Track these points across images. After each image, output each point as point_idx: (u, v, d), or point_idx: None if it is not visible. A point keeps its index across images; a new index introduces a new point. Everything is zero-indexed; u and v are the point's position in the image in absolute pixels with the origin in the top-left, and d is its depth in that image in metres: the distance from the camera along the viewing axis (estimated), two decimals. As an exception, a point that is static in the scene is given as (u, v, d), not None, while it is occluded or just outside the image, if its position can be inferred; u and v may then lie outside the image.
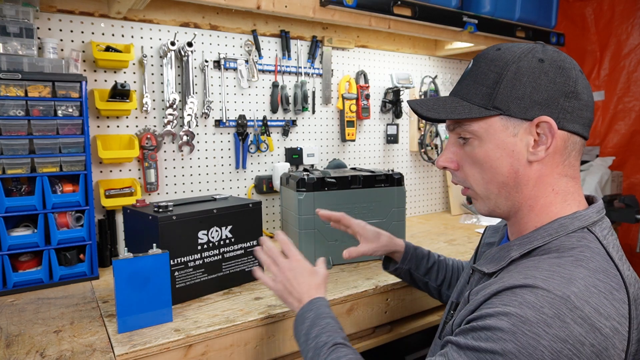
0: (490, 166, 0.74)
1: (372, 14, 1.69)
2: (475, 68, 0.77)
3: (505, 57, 0.73)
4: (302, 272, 1.00)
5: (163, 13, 1.64)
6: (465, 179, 0.79)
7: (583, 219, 0.71)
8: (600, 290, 0.61)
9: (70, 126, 1.32)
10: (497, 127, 0.73)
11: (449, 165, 0.80)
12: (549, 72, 0.70)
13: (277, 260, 1.03)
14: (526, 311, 0.58)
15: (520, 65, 0.71)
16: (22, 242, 1.28)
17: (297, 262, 1.01)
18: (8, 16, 1.28)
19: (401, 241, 1.21)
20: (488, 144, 0.74)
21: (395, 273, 1.23)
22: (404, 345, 1.42)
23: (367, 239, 1.20)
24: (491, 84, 0.73)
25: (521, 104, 0.71)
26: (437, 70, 2.45)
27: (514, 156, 0.72)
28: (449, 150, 0.81)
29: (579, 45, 2.88)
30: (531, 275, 0.63)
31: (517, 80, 0.71)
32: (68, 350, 0.94)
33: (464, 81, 0.78)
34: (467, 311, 0.68)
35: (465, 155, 0.78)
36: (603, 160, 2.55)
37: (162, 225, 1.13)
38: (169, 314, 1.06)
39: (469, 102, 0.75)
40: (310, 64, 1.98)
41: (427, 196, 2.52)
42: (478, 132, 0.74)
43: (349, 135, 2.09)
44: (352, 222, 1.23)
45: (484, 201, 0.78)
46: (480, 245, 0.96)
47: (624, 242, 2.59)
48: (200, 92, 1.74)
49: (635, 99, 2.67)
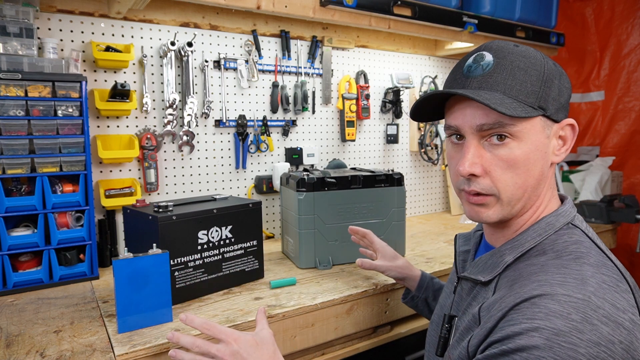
0: (526, 169, 0.70)
1: (372, 14, 1.69)
2: (506, 62, 0.70)
3: (535, 56, 0.71)
4: (247, 350, 0.84)
5: (163, 13, 1.64)
6: (492, 185, 0.71)
7: (566, 214, 0.73)
8: (609, 285, 0.61)
9: (70, 126, 1.32)
10: (538, 128, 0.70)
11: (476, 171, 0.70)
12: (562, 76, 0.72)
13: (211, 352, 0.84)
14: (555, 322, 0.56)
15: (549, 67, 0.71)
16: (22, 242, 1.28)
17: (236, 342, 0.84)
18: (8, 16, 1.28)
19: (418, 270, 1.21)
20: (528, 145, 0.69)
21: (411, 303, 1.20)
22: (404, 345, 1.42)
23: (384, 257, 1.23)
24: (536, 82, 0.69)
25: (556, 104, 0.71)
26: (437, 70, 2.45)
27: (546, 157, 0.72)
28: (472, 155, 0.71)
29: (579, 45, 2.88)
30: (545, 282, 0.62)
31: (551, 81, 0.70)
32: (68, 350, 0.94)
33: (496, 75, 0.69)
34: (484, 330, 0.63)
35: (496, 158, 0.70)
36: (603, 160, 2.55)
37: (162, 225, 1.13)
38: (169, 314, 1.06)
39: (515, 99, 0.68)
40: (310, 64, 1.98)
41: (427, 196, 2.52)
42: (521, 133, 0.69)
43: (349, 135, 2.09)
44: (375, 239, 1.28)
45: (503, 208, 0.72)
46: (456, 254, 0.92)
47: (624, 242, 2.59)
48: (200, 92, 1.74)
49: (635, 99, 2.67)
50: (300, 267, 1.48)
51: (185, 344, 0.86)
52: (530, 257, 0.70)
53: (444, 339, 0.78)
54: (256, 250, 1.35)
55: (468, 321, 0.72)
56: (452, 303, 0.84)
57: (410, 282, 1.19)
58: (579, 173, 2.52)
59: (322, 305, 1.19)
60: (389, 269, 1.20)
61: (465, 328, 0.72)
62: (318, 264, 1.47)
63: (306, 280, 1.36)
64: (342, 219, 1.49)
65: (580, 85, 2.91)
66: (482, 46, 0.74)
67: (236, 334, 0.86)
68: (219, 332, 0.86)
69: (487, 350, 0.61)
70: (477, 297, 0.75)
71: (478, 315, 0.68)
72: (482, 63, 0.71)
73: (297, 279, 1.35)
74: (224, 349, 0.83)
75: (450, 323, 0.79)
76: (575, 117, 2.91)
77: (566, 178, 2.57)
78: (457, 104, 0.73)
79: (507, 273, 0.71)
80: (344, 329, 1.25)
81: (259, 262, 1.37)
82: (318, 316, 1.19)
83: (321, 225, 1.47)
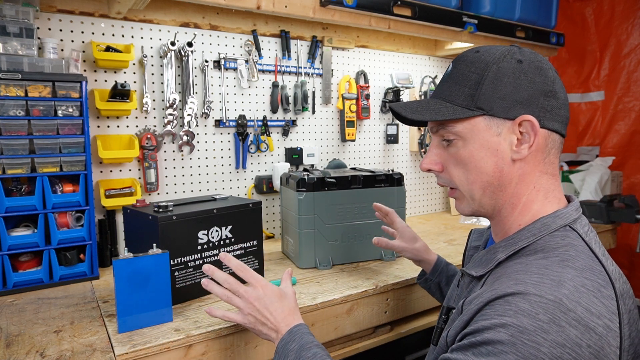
0: (475, 166, 0.75)
1: (372, 14, 1.69)
2: (455, 70, 0.77)
3: (485, 59, 0.74)
4: (272, 298, 0.92)
5: (163, 13, 1.64)
6: (450, 179, 0.79)
7: (564, 217, 0.73)
8: (589, 289, 0.61)
9: (70, 126, 1.32)
10: (480, 127, 0.73)
11: (433, 167, 0.80)
12: (528, 72, 0.72)
13: (239, 291, 0.93)
14: (522, 320, 0.58)
15: (500, 66, 0.73)
16: (22, 242, 1.28)
17: (263, 288, 0.93)
18: (8, 16, 1.28)
19: (435, 254, 1.24)
20: (472, 144, 0.74)
21: (425, 285, 1.24)
22: (404, 345, 1.42)
23: (403, 238, 1.26)
24: (473, 85, 0.73)
25: (503, 103, 0.72)
26: (437, 70, 2.45)
27: (498, 155, 0.73)
28: (432, 153, 0.81)
29: (579, 45, 2.88)
30: (521, 281, 0.63)
31: (498, 80, 0.72)
32: (68, 350, 0.94)
33: (445, 83, 0.78)
34: (461, 322, 0.67)
35: (449, 156, 0.78)
36: (603, 160, 2.54)
37: (162, 225, 1.13)
38: (169, 314, 1.06)
39: (451, 103, 0.75)
40: (310, 64, 1.98)
41: (427, 196, 2.52)
42: (462, 133, 0.75)
43: (349, 135, 2.09)
44: (397, 219, 1.31)
45: (468, 201, 0.79)
46: (467, 248, 0.97)
47: (624, 242, 2.59)
48: (200, 92, 1.74)
49: (635, 99, 2.67)
50: (300, 267, 1.48)
51: (219, 278, 0.95)
52: (521, 256, 0.71)
53: (440, 329, 0.81)
54: (256, 250, 1.35)
55: (454, 313, 0.75)
56: (455, 296, 0.87)
57: (426, 264, 1.23)
58: (579, 173, 2.52)
59: (322, 305, 1.19)
60: (404, 249, 1.24)
61: (452, 320, 0.76)
62: (318, 264, 1.47)
63: (306, 280, 1.36)
64: (342, 219, 1.49)
65: (580, 85, 2.91)
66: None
67: (264, 282, 0.94)
68: (250, 276, 0.95)
69: (461, 341, 0.64)
70: (472, 291, 0.77)
71: (461, 308, 0.71)
72: (445, 73, 0.81)
73: (297, 279, 1.35)
74: (251, 291, 0.92)
75: (447, 314, 0.81)
76: (575, 117, 2.92)
77: (566, 178, 2.57)
78: None
79: (497, 270, 0.73)
80: (344, 329, 1.25)
81: (259, 262, 1.37)
82: (318, 316, 1.19)
83: (321, 225, 1.47)
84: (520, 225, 0.75)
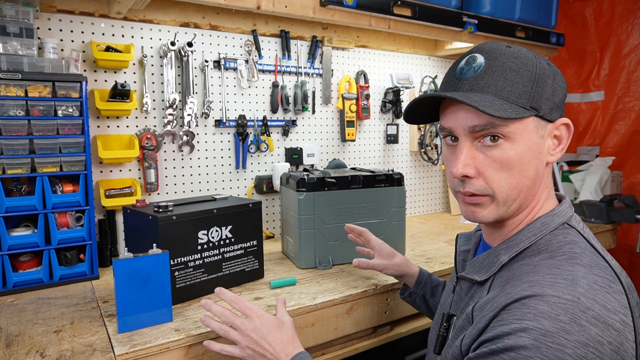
0: (520, 169, 0.70)
1: (372, 14, 1.69)
2: (496, 63, 0.70)
3: (527, 56, 0.71)
4: (269, 328, 0.90)
5: (163, 13, 1.64)
6: (485, 186, 0.71)
7: (562, 214, 0.73)
8: (601, 285, 0.61)
9: (70, 126, 1.32)
10: (530, 128, 0.70)
11: (469, 172, 0.71)
12: (556, 76, 0.72)
13: (235, 323, 0.91)
14: (543, 322, 0.57)
15: (541, 67, 0.71)
16: (22, 242, 1.28)
17: (260, 319, 0.91)
18: (8, 16, 1.28)
19: (416, 266, 1.21)
20: (521, 145, 0.69)
21: (409, 299, 1.21)
22: (404, 345, 1.42)
23: (382, 256, 1.22)
24: (527, 82, 0.69)
25: (549, 104, 0.71)
26: (437, 70, 2.45)
27: (540, 158, 0.72)
28: (466, 156, 0.71)
29: (579, 45, 2.87)
30: (535, 282, 0.62)
31: (543, 81, 0.70)
32: (68, 350, 0.94)
33: (487, 77, 0.70)
34: (476, 329, 0.65)
35: (489, 159, 0.70)
36: (603, 160, 2.54)
37: (162, 225, 1.13)
38: (169, 314, 1.06)
39: (506, 100, 0.68)
40: (310, 64, 1.98)
41: (427, 196, 2.52)
42: (513, 134, 0.69)
43: (349, 135, 2.09)
44: (372, 237, 1.27)
45: (498, 208, 0.72)
46: (457, 253, 0.93)
47: (624, 242, 2.59)
48: (200, 92, 1.74)
49: (635, 99, 2.67)
50: (300, 267, 1.48)
51: (215, 312, 0.95)
52: (525, 257, 0.70)
53: (442, 338, 0.79)
54: (256, 250, 1.35)
55: (462, 320, 0.73)
56: (451, 302, 0.84)
57: (409, 278, 1.20)
58: (579, 173, 2.52)
59: (322, 305, 1.19)
60: (386, 267, 1.20)
61: (460, 327, 0.73)
62: (318, 264, 1.47)
63: (306, 280, 1.36)
64: (342, 219, 1.49)
65: (580, 85, 2.91)
66: (475, 48, 0.75)
67: (260, 312, 0.92)
68: (246, 307, 0.93)
69: (478, 349, 0.62)
70: (473, 296, 0.76)
71: (471, 315, 0.69)
72: (474, 65, 0.72)
73: (297, 279, 1.35)
74: (247, 323, 0.91)
75: (448, 322, 0.79)
76: (575, 117, 2.92)
77: (566, 178, 2.57)
78: (450, 107, 0.74)
79: (502, 273, 0.71)
80: (344, 329, 1.25)
81: (259, 262, 1.37)
82: (318, 316, 1.19)
83: (321, 225, 1.47)
84: (519, 225, 0.75)
